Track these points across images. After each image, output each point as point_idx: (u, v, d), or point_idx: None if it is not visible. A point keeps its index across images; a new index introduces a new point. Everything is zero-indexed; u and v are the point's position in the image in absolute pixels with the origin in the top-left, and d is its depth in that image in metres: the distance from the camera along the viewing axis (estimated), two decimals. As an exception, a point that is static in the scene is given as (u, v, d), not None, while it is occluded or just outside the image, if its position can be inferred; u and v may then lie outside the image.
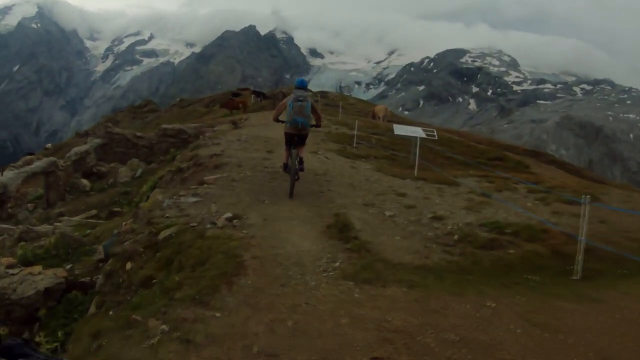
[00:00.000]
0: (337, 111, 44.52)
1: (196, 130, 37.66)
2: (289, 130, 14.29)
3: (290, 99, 14.06)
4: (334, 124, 33.75)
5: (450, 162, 24.73)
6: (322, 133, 27.62)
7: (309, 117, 14.14)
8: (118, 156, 40.40)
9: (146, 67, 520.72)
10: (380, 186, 15.54)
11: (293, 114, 13.85)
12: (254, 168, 16.21)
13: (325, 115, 39.34)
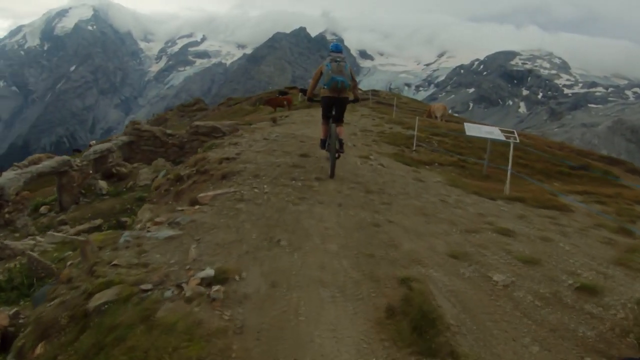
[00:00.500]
0: (390, 109, 39.45)
1: (231, 128, 32.87)
2: (327, 93, 12.03)
3: (326, 61, 11.93)
4: (387, 123, 28.74)
5: (528, 172, 19.67)
6: (375, 133, 23.20)
7: (348, 77, 11.81)
8: (146, 155, 36.50)
9: (199, 67, 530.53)
10: (465, 214, 9.97)
11: (332, 72, 11.60)
12: (276, 180, 10.93)
13: (377, 114, 34.41)
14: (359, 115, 32.23)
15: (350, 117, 29.63)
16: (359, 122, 27.61)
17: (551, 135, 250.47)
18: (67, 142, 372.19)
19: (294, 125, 24.96)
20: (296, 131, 20.71)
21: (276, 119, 31.55)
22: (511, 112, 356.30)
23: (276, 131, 20.66)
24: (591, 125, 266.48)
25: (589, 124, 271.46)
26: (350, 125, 25.37)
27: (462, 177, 16.62)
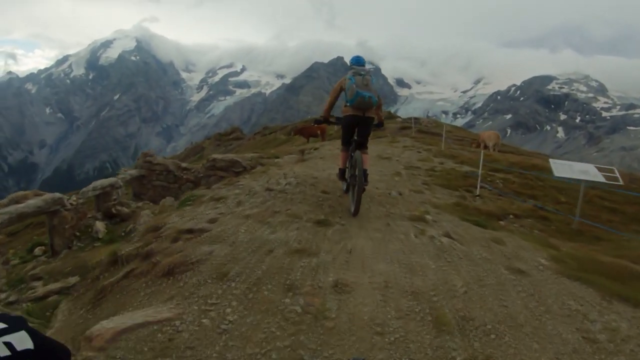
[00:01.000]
0: (435, 139, 34.43)
1: (253, 162, 27.85)
2: (351, 111, 9.81)
3: (349, 74, 9.79)
4: (436, 156, 23.27)
5: (620, 219, 14.61)
6: (424, 171, 18.05)
7: (375, 92, 9.58)
8: (158, 191, 31.60)
9: (238, 97, 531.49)
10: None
11: (356, 87, 9.47)
12: (256, 293, 5.55)
13: (422, 144, 29.21)
14: (400, 147, 27.00)
15: (390, 150, 24.67)
16: (401, 155, 22.38)
17: (590, 160, 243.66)
18: (109, 168, 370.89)
19: (321, 161, 19.95)
20: (321, 171, 15.74)
21: (304, 152, 27.20)
22: (549, 138, 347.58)
23: (294, 172, 15.65)
24: (631, 149, 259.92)
25: (629, 147, 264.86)
26: (392, 161, 20.20)
27: (548, 235, 11.69)
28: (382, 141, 30.88)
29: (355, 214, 9.61)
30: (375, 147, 26.14)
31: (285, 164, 20.71)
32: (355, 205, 9.60)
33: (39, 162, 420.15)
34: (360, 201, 9.69)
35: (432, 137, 38.18)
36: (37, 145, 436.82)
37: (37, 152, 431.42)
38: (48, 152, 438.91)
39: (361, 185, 9.47)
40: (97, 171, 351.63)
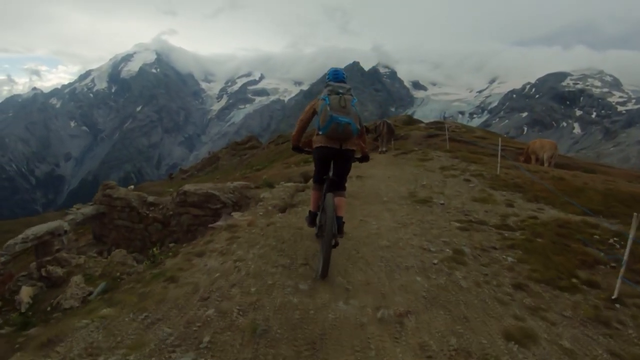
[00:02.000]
0: (475, 150, 26.95)
1: (236, 195, 20.27)
2: (323, 141, 7.58)
3: (323, 93, 7.64)
4: (494, 187, 15.08)
5: None
6: (495, 235, 9.95)
7: (356, 117, 7.50)
8: (121, 232, 24.44)
9: (258, 105, 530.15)
10: None
11: (330, 110, 7.37)
12: None
13: (462, 161, 21.19)
14: (437, 169, 18.74)
15: (426, 178, 16.76)
16: (445, 191, 14.23)
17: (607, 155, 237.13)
18: (134, 178, 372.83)
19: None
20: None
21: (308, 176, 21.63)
22: (565, 134, 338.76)
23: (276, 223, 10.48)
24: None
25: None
26: (433, 207, 12.10)
27: None
28: (409, 159, 22.54)
29: (322, 275, 7.10)
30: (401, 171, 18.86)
31: (275, 202, 14.43)
32: (322, 265, 7.03)
33: (65, 174, 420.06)
34: (329, 259, 7.08)
35: (468, 147, 30.63)
36: (63, 158, 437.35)
37: (63, 165, 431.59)
38: (74, 164, 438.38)
39: (330, 237, 6.94)
40: (122, 181, 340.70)
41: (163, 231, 22.55)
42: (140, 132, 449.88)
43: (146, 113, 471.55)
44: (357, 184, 15.34)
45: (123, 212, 23.96)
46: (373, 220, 10.46)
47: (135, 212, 23.55)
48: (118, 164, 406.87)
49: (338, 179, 7.91)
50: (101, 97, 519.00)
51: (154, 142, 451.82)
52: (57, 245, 21.46)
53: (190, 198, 20.92)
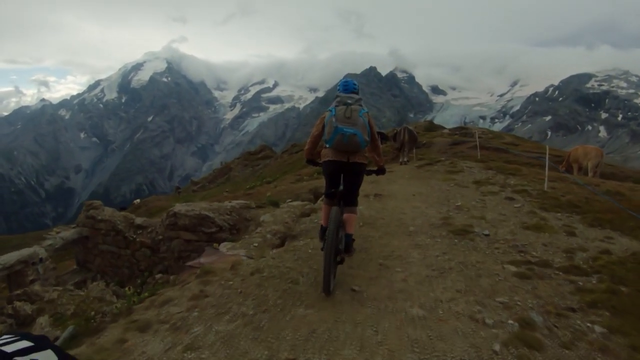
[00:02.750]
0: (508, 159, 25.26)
1: (233, 217, 18.16)
2: (330, 155, 7.57)
3: (333, 104, 7.63)
4: (545, 207, 12.50)
5: None
6: (575, 292, 7.07)
7: (363, 128, 7.33)
8: (106, 259, 22.27)
9: (272, 113, 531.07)
10: None
11: (336, 121, 7.32)
12: None
13: (499, 173, 18.70)
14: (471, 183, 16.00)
15: (460, 197, 14.15)
16: (486, 214, 11.56)
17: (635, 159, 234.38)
18: (146, 190, 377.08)
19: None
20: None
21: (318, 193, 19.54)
22: (591, 138, 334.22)
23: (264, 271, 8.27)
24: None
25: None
26: (476, 242, 9.45)
27: None
28: (435, 171, 19.89)
29: (325, 290, 6.94)
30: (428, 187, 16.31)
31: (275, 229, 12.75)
32: (323, 280, 6.92)
33: (76, 187, 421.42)
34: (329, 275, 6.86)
35: (499, 155, 28.13)
36: (73, 170, 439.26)
37: (73, 177, 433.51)
38: (84, 177, 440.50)
39: (330, 251, 6.79)
40: (133, 193, 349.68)
41: (152, 258, 20.37)
42: (151, 142, 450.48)
43: (157, 123, 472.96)
44: (375, 207, 12.82)
45: (108, 236, 21.73)
46: (397, 265, 7.98)
47: (121, 236, 21.31)
48: (129, 175, 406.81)
49: (347, 193, 7.71)
50: (111, 108, 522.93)
51: (165, 152, 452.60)
52: (32, 275, 19.37)
53: (181, 220, 18.56)
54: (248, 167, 75.85)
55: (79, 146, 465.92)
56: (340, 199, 7.68)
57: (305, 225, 11.53)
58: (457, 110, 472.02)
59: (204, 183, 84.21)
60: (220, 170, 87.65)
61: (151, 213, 48.00)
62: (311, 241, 9.82)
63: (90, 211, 22.47)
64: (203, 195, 56.26)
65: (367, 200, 13.55)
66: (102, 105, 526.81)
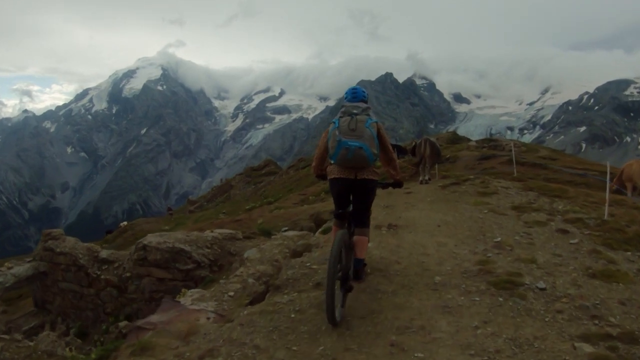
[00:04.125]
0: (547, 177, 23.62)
1: (215, 250, 16.64)
2: (335, 172, 7.61)
3: (338, 114, 7.76)
4: (615, 245, 10.50)
5: None
6: None
7: (371, 140, 7.33)
8: (67, 299, 20.82)
9: (278, 124, 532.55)
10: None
11: (339, 134, 7.37)
12: None
13: (543, 196, 16.75)
14: (509, 209, 13.84)
15: (499, 233, 11.87)
16: (534, 249, 9.71)
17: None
18: (140, 210, 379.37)
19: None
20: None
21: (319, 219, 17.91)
22: (630, 150, 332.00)
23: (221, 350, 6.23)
24: None
25: None
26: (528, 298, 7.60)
27: None
28: (464, 192, 17.85)
29: (330, 320, 6.69)
30: (456, 213, 14.23)
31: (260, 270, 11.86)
32: (327, 308, 6.61)
33: (62, 207, 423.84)
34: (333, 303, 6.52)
35: (536, 172, 26.89)
36: (59, 188, 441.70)
37: (60, 196, 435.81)
38: (71, 195, 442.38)
39: (332, 277, 6.49)
40: (126, 214, 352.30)
41: (120, 299, 18.77)
42: (145, 157, 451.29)
43: (152, 136, 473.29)
44: (389, 243, 10.81)
45: (69, 272, 20.14)
46: (417, 346, 5.94)
47: (83, 272, 19.67)
48: (121, 194, 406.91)
49: (357, 213, 7.78)
50: (101, 119, 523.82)
51: (161, 168, 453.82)
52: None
53: (151, 255, 16.91)
54: (250, 184, 76.37)
55: (66, 162, 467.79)
56: (350, 219, 7.68)
57: (295, 270, 9.54)
58: (482, 121, 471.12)
59: (202, 202, 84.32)
60: (219, 188, 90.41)
61: (137, 238, 46.55)
62: (298, 297, 8.07)
63: (49, 242, 20.85)
64: (197, 218, 54.99)
65: (379, 234, 11.63)
66: (90, 117, 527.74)
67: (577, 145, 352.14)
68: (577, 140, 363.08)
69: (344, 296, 7.16)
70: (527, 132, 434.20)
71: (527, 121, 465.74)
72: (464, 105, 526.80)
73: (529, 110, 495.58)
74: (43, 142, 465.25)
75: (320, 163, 8.21)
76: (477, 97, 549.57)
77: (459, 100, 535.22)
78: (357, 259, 7.48)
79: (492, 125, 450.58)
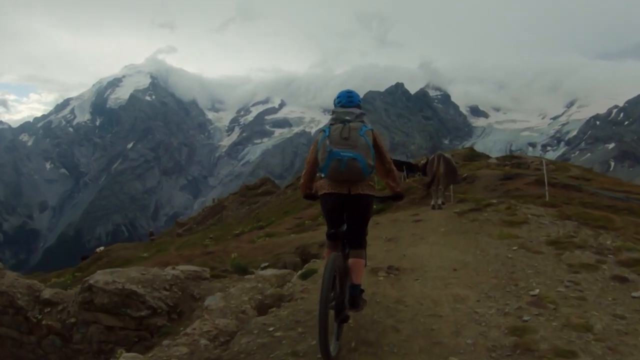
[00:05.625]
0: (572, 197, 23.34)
1: (174, 293, 15.06)
2: (326, 187, 7.34)
3: (328, 122, 7.56)
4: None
5: None
6: None
7: (366, 150, 7.08)
8: (7, 348, 18.49)
9: (278, 138, 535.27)
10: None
11: (330, 144, 7.10)
12: None
13: (584, 227, 14.81)
14: (544, 246, 12.02)
15: (535, 273, 10.08)
16: (586, 308, 7.81)
17: None
18: (126, 232, 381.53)
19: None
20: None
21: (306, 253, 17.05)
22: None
23: None
24: None
25: None
26: None
27: None
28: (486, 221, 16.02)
29: (324, 356, 6.38)
30: (477, 251, 12.36)
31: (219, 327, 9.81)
32: (322, 346, 6.26)
33: (40, 228, 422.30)
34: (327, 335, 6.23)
35: (569, 194, 24.68)
36: (38, 208, 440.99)
37: (38, 216, 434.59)
38: (51, 216, 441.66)
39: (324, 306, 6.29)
40: (110, 236, 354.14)
41: (64, 349, 16.87)
42: (132, 174, 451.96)
43: (139, 151, 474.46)
44: (387, 295, 8.83)
45: (6, 315, 18.23)
46: None
47: (22, 315, 17.73)
48: (105, 214, 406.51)
49: (352, 234, 7.46)
50: (83, 132, 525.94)
51: (149, 186, 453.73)
52: None
53: (98, 298, 15.08)
54: (244, 205, 76.88)
55: (45, 179, 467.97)
56: (344, 240, 7.45)
57: (251, 339, 7.77)
58: (501, 136, 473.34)
59: (192, 224, 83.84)
60: (211, 209, 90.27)
61: (112, 266, 45.25)
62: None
63: (-26, 277, 18.90)
64: (181, 243, 53.72)
65: (375, 282, 9.71)
66: (72, 129, 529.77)
67: (605, 163, 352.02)
68: (606, 158, 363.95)
69: (338, 328, 6.93)
70: (551, 149, 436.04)
71: (551, 137, 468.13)
72: (482, 119, 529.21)
73: (552, 125, 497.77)
74: (19, 157, 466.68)
75: (309, 179, 7.87)
76: (496, 111, 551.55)
77: (476, 114, 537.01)
78: (353, 284, 7.18)
79: (513, 141, 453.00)
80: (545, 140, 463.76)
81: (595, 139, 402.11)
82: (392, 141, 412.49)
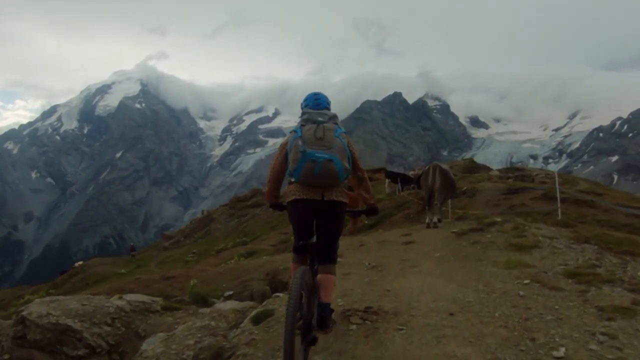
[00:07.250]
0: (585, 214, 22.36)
1: (117, 329, 13.09)
2: (296, 192, 6.89)
3: (298, 123, 7.21)
4: None
5: None
6: None
7: (342, 152, 6.77)
8: None
9: (272, 148, 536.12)
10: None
11: (303, 144, 6.69)
12: None
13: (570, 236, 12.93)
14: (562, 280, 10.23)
15: (555, 320, 7.64)
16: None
17: None
18: (113, 244, 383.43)
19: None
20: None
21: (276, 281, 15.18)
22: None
23: None
24: None
25: None
26: None
27: None
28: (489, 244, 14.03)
29: None
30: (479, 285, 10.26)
31: None
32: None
33: (25, 240, 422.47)
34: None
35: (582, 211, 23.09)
36: (22, 219, 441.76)
37: (23, 227, 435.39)
38: (36, 227, 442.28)
39: (290, 327, 5.81)
40: (97, 248, 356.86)
41: None
42: (121, 184, 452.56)
43: (129, 160, 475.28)
44: (358, 357, 6.77)
45: None
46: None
47: (-56, 355, 15.82)
48: (93, 226, 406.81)
49: (323, 246, 7.07)
50: (70, 140, 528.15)
51: (139, 197, 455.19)
52: None
53: (31, 332, 13.09)
54: (233, 218, 76.31)
55: (30, 188, 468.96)
56: (312, 254, 7.10)
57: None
58: (502, 147, 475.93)
59: (179, 237, 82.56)
60: (200, 221, 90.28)
61: (87, 284, 43.88)
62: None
63: None
64: (163, 259, 52.18)
65: (345, 332, 7.62)
66: (59, 137, 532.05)
67: (608, 176, 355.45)
68: (609, 171, 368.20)
69: (305, 351, 6.44)
70: (552, 161, 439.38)
71: (553, 149, 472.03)
72: (482, 130, 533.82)
73: (554, 136, 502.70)
74: (4, 166, 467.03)
75: (275, 186, 7.44)
76: (497, 122, 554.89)
77: (476, 125, 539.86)
78: (321, 303, 6.77)
79: (514, 153, 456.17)
80: (547, 152, 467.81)
81: (598, 151, 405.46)
82: (389, 152, 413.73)
